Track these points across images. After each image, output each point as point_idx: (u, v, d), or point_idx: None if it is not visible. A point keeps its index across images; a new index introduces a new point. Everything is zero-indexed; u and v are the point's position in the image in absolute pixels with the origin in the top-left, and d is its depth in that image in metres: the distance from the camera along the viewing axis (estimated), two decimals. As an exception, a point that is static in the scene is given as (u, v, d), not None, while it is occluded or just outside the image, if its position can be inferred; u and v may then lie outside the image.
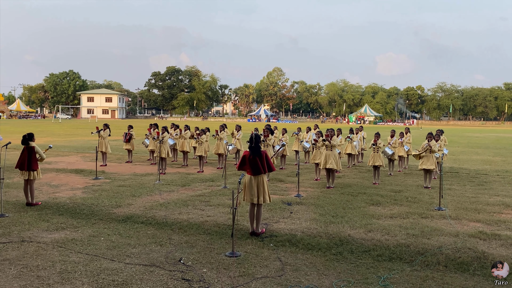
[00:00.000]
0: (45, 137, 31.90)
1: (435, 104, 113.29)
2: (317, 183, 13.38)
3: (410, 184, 13.45)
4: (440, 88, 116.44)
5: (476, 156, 23.47)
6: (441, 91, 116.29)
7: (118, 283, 5.42)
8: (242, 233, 7.64)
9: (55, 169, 15.41)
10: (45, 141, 26.74)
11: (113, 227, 7.92)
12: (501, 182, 14.12)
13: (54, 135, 35.80)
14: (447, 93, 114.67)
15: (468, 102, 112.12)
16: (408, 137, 16.75)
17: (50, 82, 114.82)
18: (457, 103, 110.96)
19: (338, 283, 5.53)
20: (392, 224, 8.43)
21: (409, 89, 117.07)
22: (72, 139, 31.62)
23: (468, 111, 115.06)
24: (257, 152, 7.53)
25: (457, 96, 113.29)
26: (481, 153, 25.51)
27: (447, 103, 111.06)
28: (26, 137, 9.66)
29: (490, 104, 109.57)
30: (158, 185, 12.40)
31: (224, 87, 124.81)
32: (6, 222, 8.18)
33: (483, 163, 19.93)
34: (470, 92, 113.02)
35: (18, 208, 9.33)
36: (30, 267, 5.93)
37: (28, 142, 9.63)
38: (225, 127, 17.05)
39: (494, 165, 18.96)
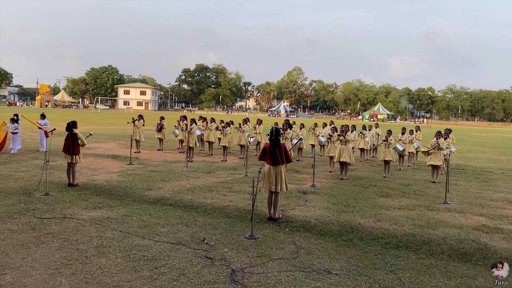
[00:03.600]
0: (86, 125, 32.50)
1: (445, 105, 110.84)
2: (331, 174, 13.29)
3: (418, 178, 13.24)
4: (450, 90, 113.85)
5: (482, 154, 22.92)
6: (451, 93, 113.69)
7: (148, 258, 5.51)
8: (260, 217, 7.67)
9: (94, 154, 15.70)
10: (86, 129, 27.25)
11: (144, 208, 8.05)
12: (505, 179, 13.77)
13: (93, 124, 36.43)
14: (456, 95, 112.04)
15: (476, 104, 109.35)
16: (418, 135, 16.48)
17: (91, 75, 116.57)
18: (465, 104, 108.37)
19: (347, 267, 5.50)
20: (400, 215, 8.33)
21: (420, 90, 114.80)
22: (109, 128, 32.12)
23: (476, 112, 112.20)
24: (276, 144, 7.52)
25: (465, 97, 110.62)
26: (487, 151, 24.89)
27: (456, 104, 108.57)
28: (70, 125, 9.85)
29: (498, 106, 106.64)
30: (185, 171, 12.52)
31: (247, 84, 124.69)
32: (50, 200, 8.39)
33: (489, 161, 19.45)
34: (479, 94, 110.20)
35: (61, 188, 9.56)
36: (71, 240, 6.08)
37: (71, 129, 9.82)
38: (248, 121, 17.07)
39: (499, 164, 18.48)
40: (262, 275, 5.11)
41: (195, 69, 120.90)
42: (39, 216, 7.23)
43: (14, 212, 7.38)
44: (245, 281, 4.92)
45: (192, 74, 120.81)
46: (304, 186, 10.95)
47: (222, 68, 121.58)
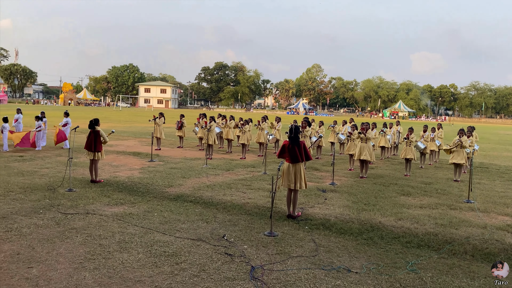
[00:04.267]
0: (108, 123, 33.04)
1: (468, 102, 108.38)
2: (350, 173, 13.18)
3: (440, 177, 13.00)
4: (473, 86, 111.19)
5: (507, 153, 22.35)
6: (474, 90, 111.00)
7: (169, 254, 5.58)
8: (279, 215, 7.67)
9: (116, 151, 15.96)
10: (108, 126, 27.72)
11: (165, 204, 8.15)
12: (531, 178, 13.39)
13: (115, 121, 37.02)
14: (480, 92, 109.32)
15: (500, 101, 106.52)
16: (440, 133, 16.18)
17: (112, 74, 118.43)
18: (489, 101, 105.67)
19: (368, 265, 5.46)
20: (421, 213, 8.21)
21: (443, 87, 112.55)
22: (130, 125, 32.59)
23: (501, 110, 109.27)
24: (296, 142, 7.50)
25: (489, 94, 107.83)
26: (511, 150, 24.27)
27: (479, 101, 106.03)
28: (92, 122, 10.03)
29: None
30: (205, 168, 12.61)
31: (266, 81, 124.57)
32: (73, 196, 8.58)
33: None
34: (504, 91, 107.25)
35: (84, 184, 9.76)
36: (94, 236, 6.21)
37: (94, 126, 10.00)
38: (266, 119, 17.07)
39: (524, 162, 17.98)
40: (281, 273, 5.12)
41: (214, 67, 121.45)
42: (63, 211, 7.40)
43: (39, 208, 7.57)
44: (265, 278, 4.93)
45: (211, 72, 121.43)
46: (323, 184, 10.89)
47: (241, 66, 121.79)
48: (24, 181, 9.81)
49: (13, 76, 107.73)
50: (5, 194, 8.47)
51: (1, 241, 5.83)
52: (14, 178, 10.04)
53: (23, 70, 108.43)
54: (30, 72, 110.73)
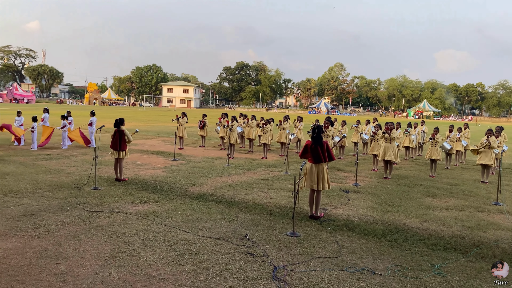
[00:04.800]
0: (132, 122, 33.59)
1: (495, 101, 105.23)
2: (374, 173, 13.01)
3: (466, 178, 12.69)
4: (502, 85, 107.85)
5: (537, 153, 21.61)
6: (502, 89, 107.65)
7: (191, 252, 5.63)
8: (302, 215, 7.63)
9: (140, 150, 16.21)
10: (132, 126, 28.17)
11: (188, 203, 8.22)
12: None
13: (139, 121, 37.60)
14: (508, 91, 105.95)
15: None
16: (467, 133, 15.79)
17: (136, 74, 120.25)
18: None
19: (392, 267, 5.37)
20: (447, 215, 8.03)
21: (469, 86, 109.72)
22: (154, 125, 33.05)
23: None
24: (319, 142, 7.45)
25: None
26: (542, 151, 23.45)
27: (508, 100, 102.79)
28: (117, 121, 10.21)
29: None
30: (227, 168, 12.66)
31: (287, 81, 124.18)
32: (99, 194, 8.75)
33: (545, 161, 18.31)
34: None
35: (109, 182, 9.94)
36: (118, 233, 6.32)
37: (119, 125, 10.18)
38: (288, 118, 17.01)
39: (556, 164, 17.36)
40: (304, 273, 5.09)
41: (236, 67, 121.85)
42: (89, 209, 7.57)
43: (66, 205, 7.76)
44: (287, 279, 4.92)
45: (232, 71, 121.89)
46: (346, 185, 10.78)
47: (262, 66, 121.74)
48: (52, 179, 10.07)
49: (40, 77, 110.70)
50: (33, 191, 8.72)
51: (30, 238, 6.00)
52: (42, 176, 10.32)
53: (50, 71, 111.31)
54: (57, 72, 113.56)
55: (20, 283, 4.60)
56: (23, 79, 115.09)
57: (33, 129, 15.45)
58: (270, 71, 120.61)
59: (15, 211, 7.27)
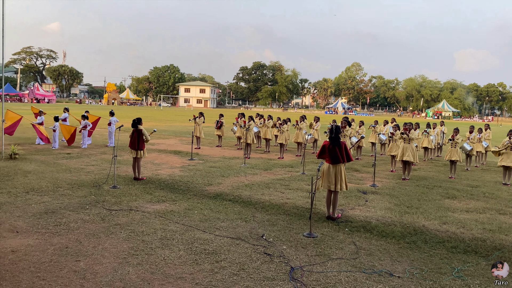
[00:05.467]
0: (150, 122, 33.94)
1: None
2: (392, 174, 12.85)
3: (487, 180, 12.43)
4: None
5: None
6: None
7: (209, 252, 5.66)
8: (319, 216, 7.59)
9: (157, 150, 16.36)
10: (150, 125, 28.46)
11: (205, 203, 8.26)
12: None
13: (157, 121, 37.96)
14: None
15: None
16: (488, 134, 15.48)
17: (154, 74, 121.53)
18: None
19: (411, 270, 5.29)
20: (468, 218, 7.87)
21: (490, 85, 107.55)
22: (171, 125, 33.32)
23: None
24: (337, 143, 7.39)
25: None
26: None
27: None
28: (135, 121, 10.31)
29: None
30: (243, 168, 12.68)
31: (304, 80, 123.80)
32: (117, 192, 8.86)
33: None
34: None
35: (127, 181, 10.06)
36: (137, 232, 6.39)
37: (137, 125, 10.28)
38: (305, 118, 16.95)
39: None
40: (321, 274, 5.06)
41: (252, 67, 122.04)
42: (108, 207, 7.67)
43: (86, 203, 7.88)
44: (304, 279, 4.90)
45: (249, 72, 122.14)
46: (364, 186, 10.68)
47: (279, 65, 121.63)
48: (72, 177, 10.24)
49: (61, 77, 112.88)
50: (54, 190, 8.89)
51: (51, 235, 6.12)
52: (62, 175, 10.51)
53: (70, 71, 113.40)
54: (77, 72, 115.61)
55: (41, 279, 4.69)
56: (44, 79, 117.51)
57: (54, 128, 15.75)
58: (286, 71, 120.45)
59: (36, 208, 7.42)
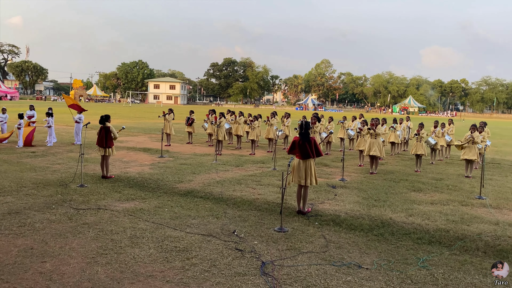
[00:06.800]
0: (118, 119, 33.26)
1: (479, 97, 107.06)
2: (360, 168, 13.12)
3: (451, 173, 12.89)
4: (485, 81, 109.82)
5: (519, 148, 22.06)
6: (486, 85, 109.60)
7: (179, 249, 5.62)
8: (289, 211, 7.67)
9: (126, 147, 16.07)
10: (118, 123, 27.90)
11: (175, 200, 8.19)
12: (544, 174, 13.21)
13: (125, 118, 37.25)
14: (491, 87, 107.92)
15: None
16: (451, 128, 16.02)
17: (122, 70, 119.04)
18: (501, 96, 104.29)
19: (379, 261, 5.43)
20: (432, 210, 8.15)
21: (453, 82, 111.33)
22: (140, 122, 32.78)
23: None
24: (306, 138, 7.48)
25: (501, 89, 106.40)
26: (524, 145, 23.95)
27: (491, 96, 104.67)
28: (103, 118, 10.10)
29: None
30: (215, 164, 12.64)
31: (275, 77, 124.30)
32: (85, 191, 8.66)
33: (526, 155, 18.70)
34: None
35: (95, 180, 9.84)
36: (105, 231, 6.26)
37: (105, 122, 10.07)
38: (275, 115, 17.04)
39: (537, 158, 17.74)
40: (292, 268, 5.12)
41: (223, 63, 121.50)
42: (75, 207, 7.48)
43: (52, 203, 7.66)
44: (275, 274, 4.94)
45: (220, 68, 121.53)
46: (333, 180, 10.86)
47: (250, 62, 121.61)
48: (37, 176, 9.93)
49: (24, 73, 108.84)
50: (18, 189, 8.59)
51: (15, 236, 5.91)
52: (27, 174, 10.17)
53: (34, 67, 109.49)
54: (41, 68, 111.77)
55: (5, 282, 4.53)
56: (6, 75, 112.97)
57: (19, 126, 15.19)
58: (257, 68, 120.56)
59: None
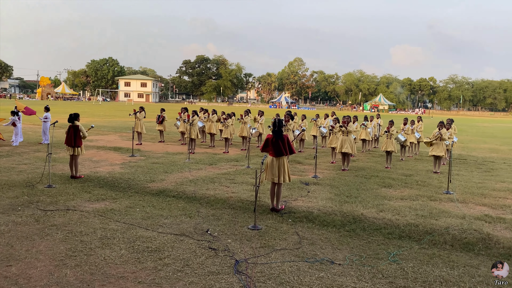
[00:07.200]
0: (88, 118, 32.48)
1: (446, 95, 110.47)
2: (333, 165, 13.30)
3: (420, 169, 13.24)
4: (452, 80, 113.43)
5: (484, 144, 22.89)
6: (453, 83, 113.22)
7: (152, 249, 5.54)
8: (263, 209, 7.69)
9: (96, 146, 15.71)
10: (87, 121, 27.25)
11: (147, 200, 8.07)
12: (507, 169, 13.76)
13: (95, 116, 36.43)
14: (458, 85, 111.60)
15: (478, 94, 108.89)
16: (420, 125, 16.45)
17: (91, 67, 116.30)
18: (467, 94, 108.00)
19: (350, 257, 5.52)
20: (402, 205, 8.34)
21: (422, 80, 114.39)
22: (111, 120, 32.12)
23: (478, 102, 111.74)
24: (279, 136, 7.51)
25: (467, 87, 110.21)
26: (488, 142, 24.86)
27: (457, 94, 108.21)
28: (72, 117, 9.84)
29: (499, 96, 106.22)
30: (188, 163, 12.53)
31: (248, 75, 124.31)
32: (53, 192, 8.41)
33: (491, 151, 19.43)
34: (480, 84, 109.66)
35: (64, 180, 9.58)
36: (75, 232, 6.10)
37: (73, 121, 9.81)
38: (249, 112, 17.04)
39: (501, 154, 18.47)
40: (265, 266, 5.13)
41: (196, 61, 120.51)
42: (43, 208, 7.26)
43: (17, 205, 7.40)
44: (249, 272, 4.94)
45: (192, 65, 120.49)
46: (306, 177, 10.96)
47: (223, 59, 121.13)
48: (1, 177, 9.57)
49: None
50: (-19, 191, 8.25)
51: (-22, 240, 5.68)
52: (-9, 175, 9.79)
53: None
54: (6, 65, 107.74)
55: (-33, 288, 4.35)
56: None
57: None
58: (231, 65, 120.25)
59: (-39, 212, 6.85)
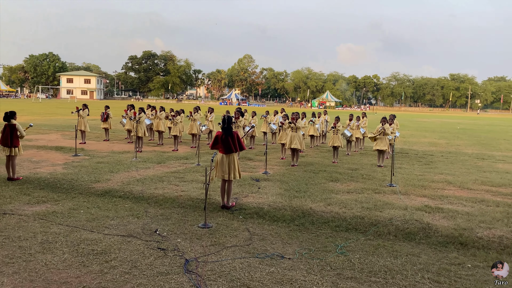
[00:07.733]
0: (26, 116, 30.68)
1: (389, 92, 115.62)
2: (282, 161, 13.48)
3: (365, 163, 13.74)
4: (394, 77, 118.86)
5: (424, 138, 24.17)
6: (395, 80, 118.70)
7: (97, 252, 5.33)
8: (214, 206, 7.64)
9: (36, 146, 14.89)
10: (26, 120, 25.73)
11: (92, 201, 7.76)
12: (444, 162, 14.62)
13: (34, 114, 34.49)
14: (399, 82, 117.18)
15: (418, 91, 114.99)
16: (365, 121, 17.05)
17: (30, 63, 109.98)
18: (408, 91, 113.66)
19: (300, 251, 5.63)
20: (349, 198, 8.62)
21: (366, 77, 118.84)
22: (52, 118, 30.56)
23: (418, 99, 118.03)
24: (229, 133, 7.49)
25: (408, 85, 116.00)
26: (428, 136, 26.28)
27: (399, 91, 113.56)
28: (8, 115, 9.25)
29: (437, 92, 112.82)
30: (135, 162, 12.19)
31: (197, 71, 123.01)
32: (-12, 195, 7.87)
33: (430, 145, 20.55)
34: (420, 82, 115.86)
35: (0, 182, 8.99)
36: (12, 238, 5.75)
37: (10, 119, 9.24)
38: (199, 109, 16.87)
39: (439, 147, 19.58)
40: (216, 264, 5.11)
41: (142, 56, 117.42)
42: (-24, 213, 6.77)
43: None
44: (199, 270, 4.90)
45: (139, 61, 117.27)
46: (257, 173, 11.02)
47: (171, 55, 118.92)
48: None
49: None
50: None
51: None
52: None
53: None
54: None
55: None
56: None
57: None
58: (179, 61, 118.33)
59: None
